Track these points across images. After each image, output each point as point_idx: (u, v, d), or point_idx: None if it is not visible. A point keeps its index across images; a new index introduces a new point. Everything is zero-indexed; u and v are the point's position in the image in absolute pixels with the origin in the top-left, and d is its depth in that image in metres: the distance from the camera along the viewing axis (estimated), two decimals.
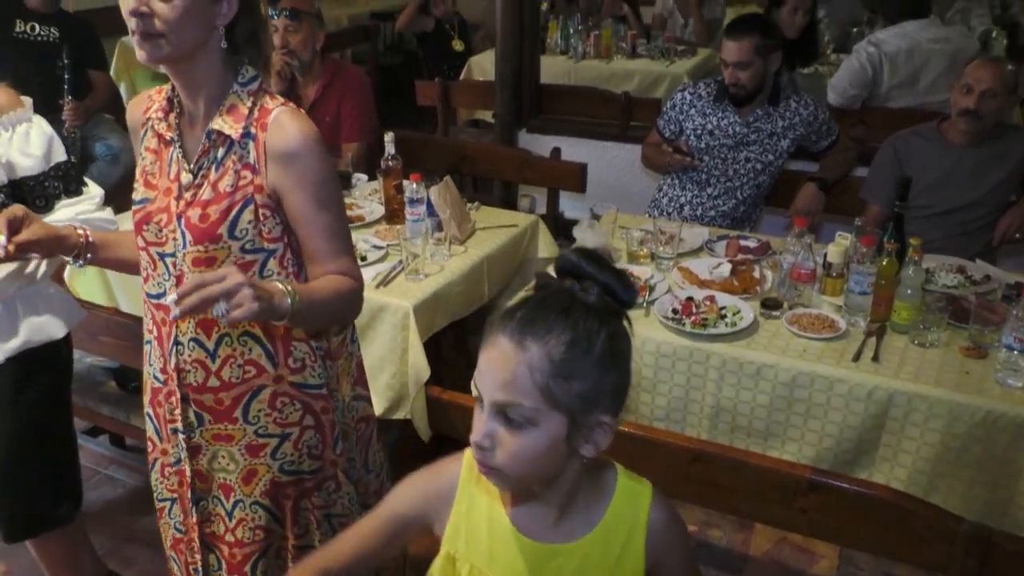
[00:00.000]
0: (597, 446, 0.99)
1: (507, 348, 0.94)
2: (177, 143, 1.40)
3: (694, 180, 2.97)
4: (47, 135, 1.75)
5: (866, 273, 2.04)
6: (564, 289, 0.98)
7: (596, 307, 0.96)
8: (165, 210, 1.39)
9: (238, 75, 1.37)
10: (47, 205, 1.75)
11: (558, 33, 4.94)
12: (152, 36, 1.26)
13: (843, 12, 4.93)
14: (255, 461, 1.49)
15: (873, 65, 3.56)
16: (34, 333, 1.80)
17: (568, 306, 0.96)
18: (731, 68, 2.77)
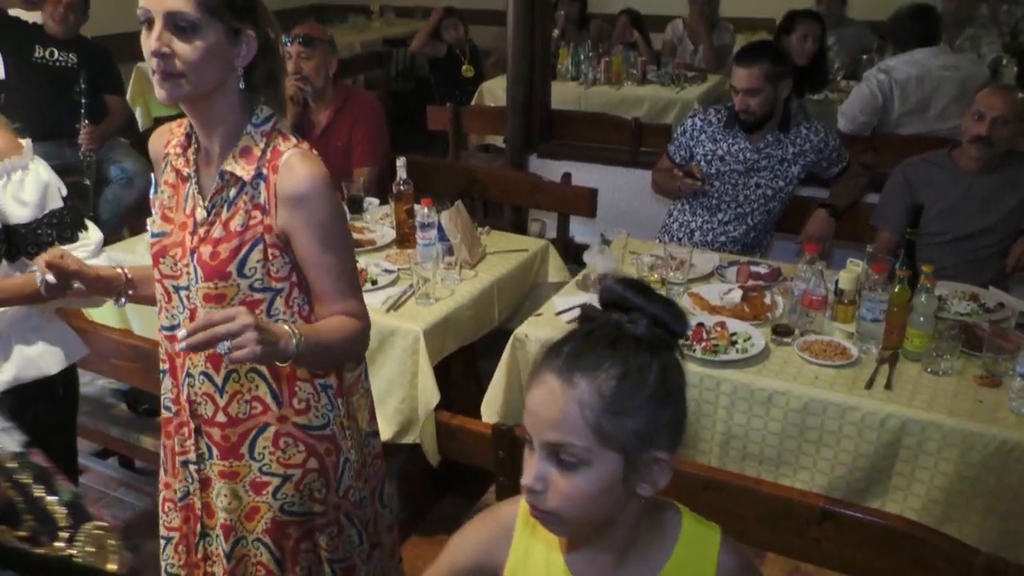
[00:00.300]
0: (655, 485, 0.95)
1: (555, 386, 0.91)
2: (194, 179, 1.42)
3: (704, 206, 2.97)
4: (43, 182, 1.72)
5: (878, 300, 2.03)
6: (611, 322, 0.94)
7: (646, 339, 0.93)
8: (180, 244, 1.41)
9: (253, 115, 1.39)
10: (39, 252, 1.68)
11: (568, 59, 4.98)
12: (172, 76, 1.28)
13: (852, 40, 4.95)
14: (258, 499, 1.49)
15: (883, 92, 3.57)
16: (25, 368, 1.77)
17: (616, 339, 0.92)
18: (741, 95, 2.78)
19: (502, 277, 2.55)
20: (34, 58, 4.02)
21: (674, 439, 0.95)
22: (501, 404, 2.24)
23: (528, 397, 0.94)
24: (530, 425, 0.93)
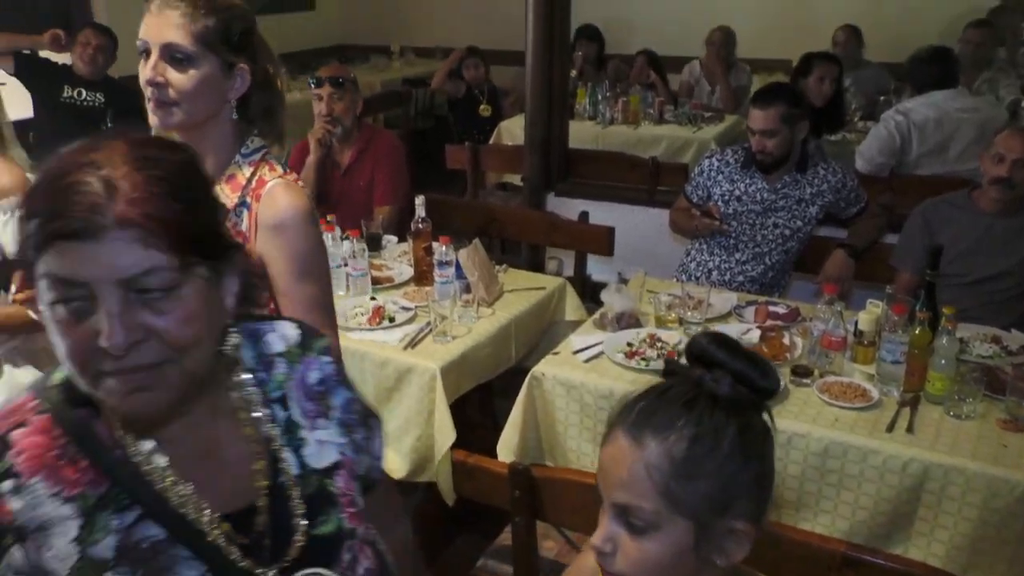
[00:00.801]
0: (729, 557, 0.89)
1: (624, 445, 0.88)
2: None
3: (722, 245, 2.97)
4: None
5: (898, 342, 2.01)
6: (691, 379, 0.90)
7: (726, 398, 0.88)
8: None
9: (243, 146, 1.42)
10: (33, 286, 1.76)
11: (586, 99, 5.03)
12: (166, 104, 1.33)
13: (869, 81, 4.98)
14: None
15: (901, 133, 3.58)
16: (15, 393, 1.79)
17: (692, 398, 0.87)
18: (758, 136, 2.80)
19: (519, 315, 2.55)
20: (63, 98, 4.12)
21: (757, 507, 0.90)
22: (517, 443, 2.22)
23: (601, 453, 0.92)
24: (601, 484, 0.91)
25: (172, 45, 1.31)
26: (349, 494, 0.96)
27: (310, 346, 1.00)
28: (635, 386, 2.09)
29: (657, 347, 2.25)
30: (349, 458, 0.99)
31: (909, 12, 5.53)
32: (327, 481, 0.95)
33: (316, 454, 0.95)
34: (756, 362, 0.90)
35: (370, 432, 1.03)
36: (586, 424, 2.18)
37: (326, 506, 0.93)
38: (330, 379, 0.99)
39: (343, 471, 0.97)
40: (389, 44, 7.16)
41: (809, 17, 5.73)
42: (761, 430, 0.90)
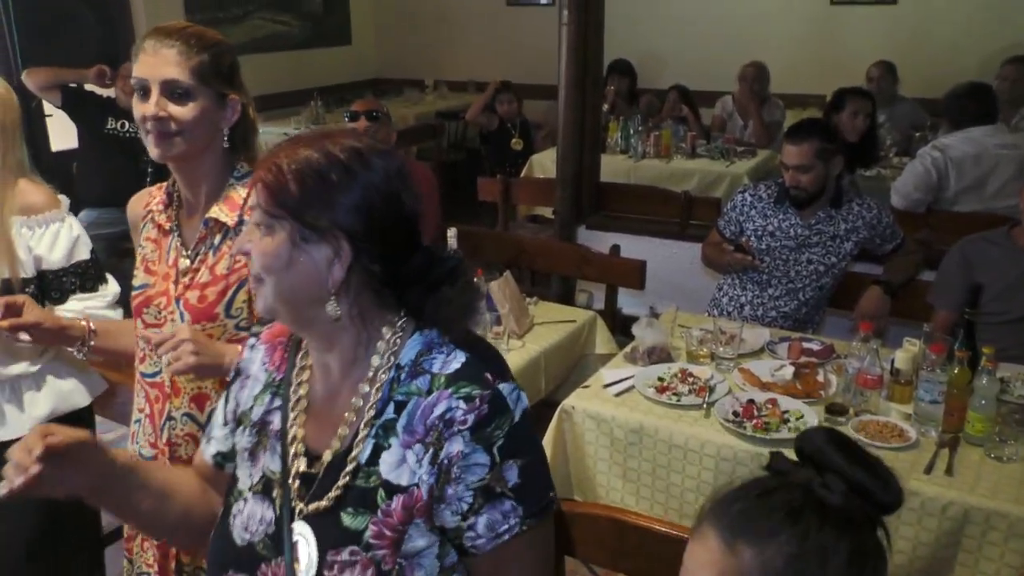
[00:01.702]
0: None
1: (715, 547, 0.80)
2: (176, 232, 1.53)
3: (755, 280, 2.95)
4: (74, 236, 1.89)
5: (936, 381, 1.97)
6: (798, 483, 0.81)
7: (838, 510, 0.78)
8: (164, 294, 1.51)
9: (234, 170, 1.51)
10: (61, 298, 1.87)
11: (618, 133, 5.05)
12: (167, 136, 1.41)
13: (904, 117, 4.95)
14: None
15: (938, 169, 3.54)
16: (60, 402, 1.91)
17: (800, 505, 0.78)
18: (792, 171, 2.78)
19: (549, 348, 2.55)
20: (106, 129, 4.23)
21: None
22: None
23: (688, 548, 0.84)
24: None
25: (172, 81, 1.40)
26: (393, 520, 0.99)
27: (456, 386, 0.99)
28: (665, 421, 2.08)
29: (688, 382, 2.22)
30: (422, 496, 0.98)
31: (945, 48, 5.51)
32: (381, 491, 1.00)
33: (390, 464, 1.00)
34: (877, 471, 0.81)
35: (484, 505, 0.98)
36: (616, 459, 2.15)
37: (362, 506, 1.00)
38: (456, 424, 0.97)
39: (404, 498, 0.99)
40: (423, 78, 7.27)
41: (843, 53, 5.73)
42: (874, 554, 0.80)
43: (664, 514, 2.11)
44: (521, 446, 1.00)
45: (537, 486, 1.01)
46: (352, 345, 1.04)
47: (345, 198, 0.97)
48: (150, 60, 1.41)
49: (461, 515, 0.98)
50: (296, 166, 0.98)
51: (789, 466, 0.84)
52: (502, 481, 0.98)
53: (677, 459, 2.07)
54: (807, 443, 0.84)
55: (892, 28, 5.71)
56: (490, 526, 0.98)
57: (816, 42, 5.95)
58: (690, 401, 2.14)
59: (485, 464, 0.97)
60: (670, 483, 2.09)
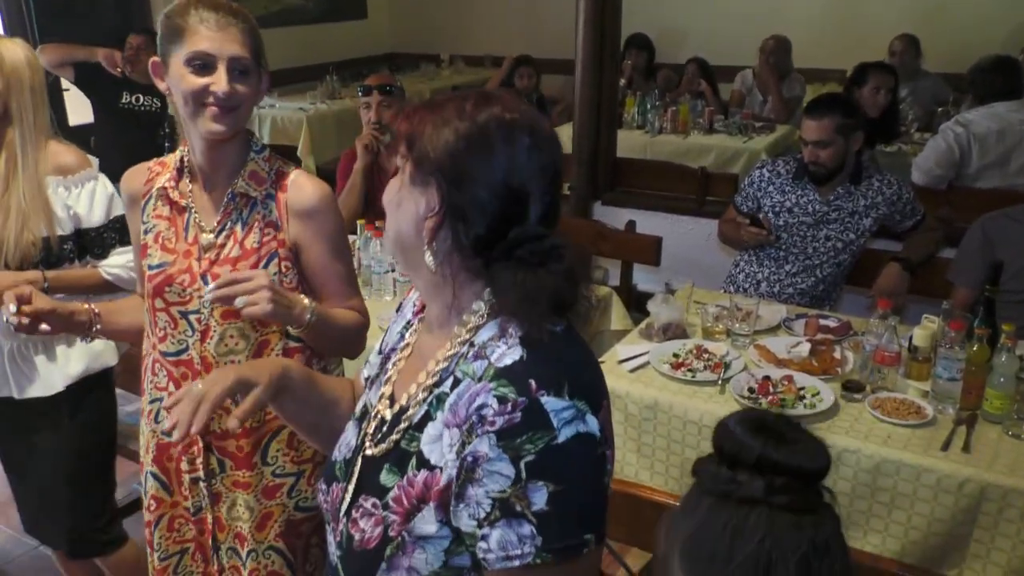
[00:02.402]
0: None
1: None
2: (192, 209, 1.52)
3: (772, 257, 2.93)
4: (109, 193, 1.95)
5: (955, 359, 1.96)
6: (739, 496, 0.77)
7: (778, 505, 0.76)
8: (187, 271, 1.50)
9: (251, 145, 1.53)
10: (103, 253, 1.95)
11: (635, 108, 5.00)
12: (232, 111, 1.42)
13: (927, 92, 4.87)
14: (270, 503, 1.56)
15: (961, 145, 3.49)
16: (92, 361, 1.99)
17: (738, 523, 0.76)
18: (811, 147, 2.75)
19: None
20: (121, 104, 4.24)
21: None
22: None
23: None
24: None
25: (238, 58, 1.41)
26: (412, 491, 0.98)
27: (498, 382, 0.93)
28: (680, 397, 2.07)
29: (704, 358, 2.22)
30: (440, 481, 0.95)
31: (969, 22, 5.40)
32: (414, 459, 0.99)
33: (430, 436, 0.99)
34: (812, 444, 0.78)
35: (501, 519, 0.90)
36: (630, 435, 2.16)
37: (397, 466, 1.01)
38: (486, 423, 0.91)
39: (428, 476, 0.97)
40: (439, 53, 7.23)
41: (865, 26, 5.63)
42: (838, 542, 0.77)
43: (678, 489, 2.11)
44: (559, 471, 0.89)
45: (568, 522, 0.90)
46: (445, 305, 1.03)
47: (456, 158, 0.95)
48: (217, 36, 1.40)
49: (477, 521, 0.92)
50: (431, 117, 0.97)
51: (730, 484, 0.78)
52: (524, 501, 0.89)
53: (692, 435, 2.07)
54: (739, 448, 0.79)
55: (915, 1, 5.61)
56: (502, 544, 0.90)
57: (838, 15, 5.85)
58: (705, 377, 2.14)
59: (508, 476, 0.89)
60: (685, 459, 2.10)
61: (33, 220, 1.81)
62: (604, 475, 0.94)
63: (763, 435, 0.78)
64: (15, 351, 1.92)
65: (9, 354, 1.92)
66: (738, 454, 0.78)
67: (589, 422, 0.91)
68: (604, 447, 0.93)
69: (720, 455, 0.80)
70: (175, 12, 1.42)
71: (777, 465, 0.76)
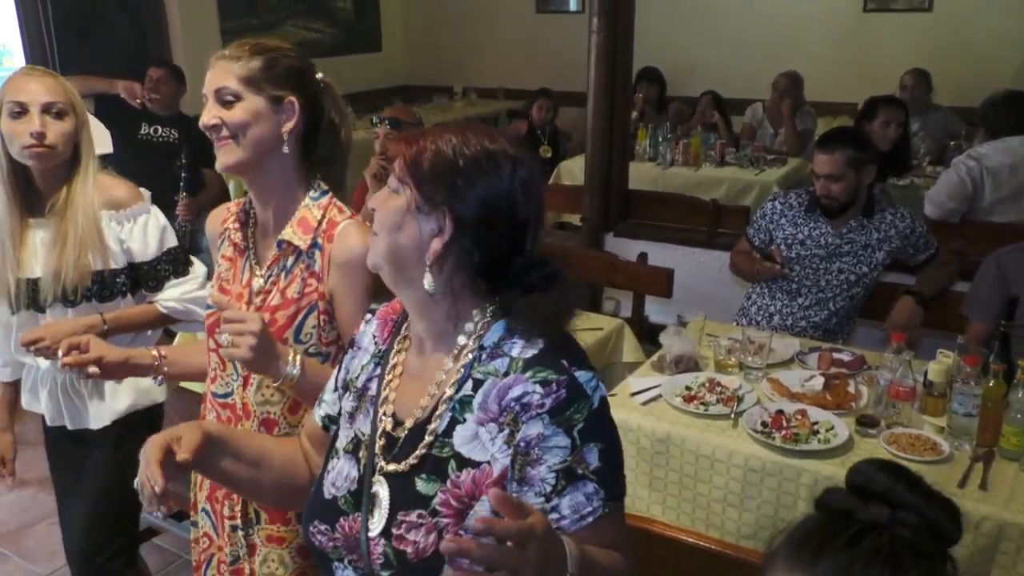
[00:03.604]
0: None
1: None
2: (251, 251, 1.52)
3: (784, 289, 2.92)
4: (161, 225, 1.97)
5: (971, 394, 1.94)
6: (877, 523, 0.77)
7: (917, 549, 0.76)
8: None
9: (311, 189, 1.49)
10: (158, 286, 1.97)
11: (647, 140, 5.03)
12: (224, 141, 1.42)
13: (938, 125, 4.88)
14: (305, 564, 1.51)
15: (973, 179, 3.48)
16: (140, 397, 2.01)
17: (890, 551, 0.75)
18: (823, 180, 2.76)
19: None
20: (139, 135, 4.30)
21: None
22: None
23: None
24: None
25: (221, 89, 1.41)
26: (461, 491, 1.04)
27: (534, 371, 1.03)
28: (692, 431, 2.06)
29: (716, 392, 2.21)
30: (493, 473, 1.03)
31: (980, 56, 5.42)
32: (453, 462, 1.05)
33: (464, 438, 1.05)
34: (949, 506, 0.79)
35: (567, 486, 1.01)
36: (642, 468, 2.14)
37: (435, 474, 1.06)
38: (533, 408, 1.01)
39: (476, 473, 1.03)
40: (452, 85, 7.30)
41: (876, 60, 5.66)
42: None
43: (691, 524, 2.09)
44: (600, 431, 1.03)
45: (618, 471, 1.06)
46: (442, 318, 1.09)
47: (464, 185, 1.04)
48: (210, 75, 1.44)
49: (545, 496, 1.01)
50: (434, 146, 1.06)
51: (855, 504, 0.79)
52: (584, 463, 1.01)
53: (704, 469, 2.05)
54: (868, 479, 0.80)
55: (926, 35, 5.64)
56: (574, 508, 1.01)
57: (849, 50, 5.89)
58: (718, 411, 2.12)
59: (566, 446, 1.01)
60: (697, 493, 2.08)
61: (88, 251, 1.85)
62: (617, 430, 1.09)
63: (899, 475, 0.80)
64: (67, 384, 1.97)
65: (62, 386, 1.98)
66: (869, 485, 0.80)
67: (601, 386, 1.07)
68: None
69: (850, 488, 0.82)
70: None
71: (906, 502, 0.77)
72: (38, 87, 1.81)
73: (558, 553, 0.93)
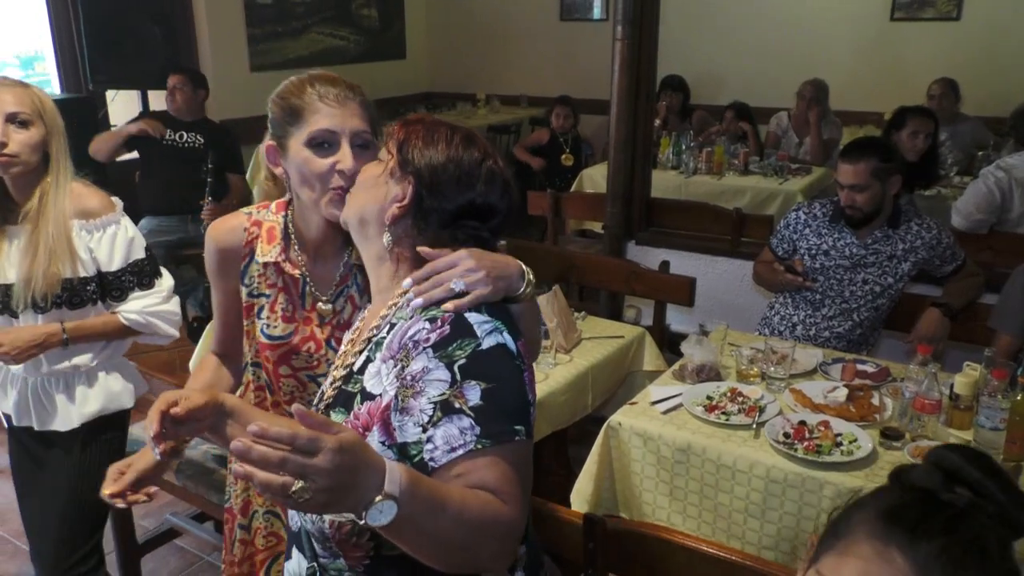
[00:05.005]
0: None
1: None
2: (307, 277, 1.51)
3: (808, 300, 2.90)
4: (129, 237, 2.00)
5: (998, 408, 1.91)
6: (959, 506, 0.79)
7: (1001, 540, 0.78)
8: (311, 339, 1.50)
9: None
10: (122, 296, 1.99)
11: (670, 149, 5.02)
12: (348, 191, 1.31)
13: (967, 136, 4.82)
14: None
15: (1002, 190, 3.44)
16: (109, 401, 2.04)
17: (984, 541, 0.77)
18: (847, 190, 2.73)
19: (597, 363, 2.54)
20: (164, 141, 4.35)
21: None
22: (591, 493, 2.19)
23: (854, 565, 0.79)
24: None
25: (361, 132, 1.37)
26: (358, 423, 1.12)
27: (427, 311, 1.11)
28: (714, 441, 2.05)
29: (738, 401, 2.19)
30: (381, 404, 1.10)
31: (1010, 65, 5.36)
32: (359, 396, 1.14)
33: (370, 374, 1.14)
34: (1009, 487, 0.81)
35: (443, 418, 1.02)
36: (663, 477, 2.13)
37: (343, 407, 1.16)
38: (421, 343, 1.07)
39: (371, 405, 1.11)
40: (475, 92, 7.33)
41: (903, 69, 5.62)
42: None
43: (712, 535, 2.08)
44: (486, 371, 1.05)
45: (500, 413, 1.04)
46: (387, 276, 1.20)
47: (432, 160, 1.16)
48: (339, 112, 1.36)
49: (422, 427, 1.05)
50: (425, 129, 1.19)
51: (937, 484, 0.81)
52: (462, 399, 1.04)
53: (725, 479, 2.04)
54: (959, 467, 0.81)
55: (955, 44, 5.58)
56: (446, 440, 1.03)
57: (875, 58, 5.84)
58: (739, 421, 2.11)
59: (445, 380, 1.05)
60: (718, 503, 2.06)
61: (58, 259, 1.87)
62: (525, 386, 1.09)
63: (987, 467, 0.81)
64: (38, 386, 2.00)
65: (32, 388, 2.00)
66: (958, 472, 0.81)
67: (506, 338, 1.09)
68: (522, 365, 1.10)
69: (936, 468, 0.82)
70: (290, 92, 1.39)
71: (991, 495, 0.79)
72: (4, 96, 1.83)
73: (372, 469, 0.88)
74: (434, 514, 0.93)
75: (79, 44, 4.83)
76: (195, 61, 5.37)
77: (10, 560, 2.84)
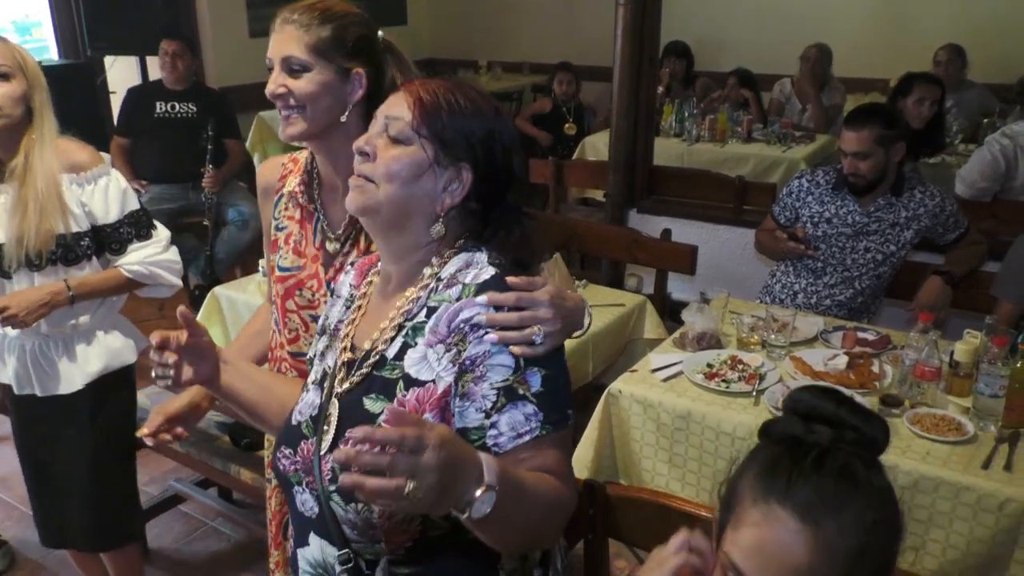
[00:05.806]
0: None
1: (796, 527, 0.82)
2: (320, 213, 1.51)
3: (809, 268, 2.89)
4: (122, 188, 1.97)
5: (998, 375, 1.92)
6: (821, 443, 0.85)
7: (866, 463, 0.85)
8: (315, 276, 1.50)
9: None
10: (121, 248, 1.97)
11: (672, 116, 4.98)
12: (290, 109, 1.40)
13: (972, 103, 4.78)
14: None
15: (1007, 157, 3.42)
16: (112, 359, 2.02)
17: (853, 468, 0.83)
18: (850, 158, 2.71)
19: (598, 331, 2.54)
20: (156, 114, 4.28)
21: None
22: (592, 459, 2.21)
23: (748, 534, 0.85)
24: (753, 568, 0.84)
25: (289, 57, 1.39)
26: (404, 408, 1.06)
27: (481, 293, 1.07)
28: (713, 408, 2.06)
29: (738, 369, 2.20)
30: (437, 391, 1.06)
31: (1017, 32, 5.29)
32: (401, 383, 1.09)
33: (413, 360, 1.09)
34: (875, 418, 0.88)
35: (507, 404, 1.03)
36: (662, 444, 2.14)
37: (383, 394, 1.10)
38: (481, 328, 1.04)
39: (420, 392, 1.07)
40: (477, 59, 7.26)
41: (909, 36, 5.54)
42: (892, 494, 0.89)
43: (710, 501, 2.09)
44: (546, 359, 1.06)
45: (559, 399, 1.06)
46: (418, 262, 1.14)
47: (481, 137, 1.10)
48: (276, 38, 1.41)
49: (484, 412, 1.03)
50: (451, 98, 1.10)
51: (799, 428, 0.87)
52: (525, 385, 1.04)
53: (725, 446, 2.05)
54: (814, 406, 0.87)
55: (961, 10, 5.50)
56: (512, 426, 1.03)
57: (881, 24, 5.77)
58: (739, 388, 2.12)
59: (509, 366, 1.04)
60: (717, 470, 2.08)
61: (50, 215, 1.85)
62: (568, 372, 1.12)
63: (835, 399, 0.87)
64: (36, 350, 1.97)
65: (31, 353, 1.97)
66: (813, 411, 0.87)
67: None
68: (563, 351, 1.12)
69: (793, 414, 0.89)
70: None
71: (846, 423, 0.85)
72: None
73: (470, 462, 0.88)
74: (518, 500, 0.95)
75: (77, 9, 4.78)
76: (194, 27, 5.31)
77: (16, 524, 2.87)
